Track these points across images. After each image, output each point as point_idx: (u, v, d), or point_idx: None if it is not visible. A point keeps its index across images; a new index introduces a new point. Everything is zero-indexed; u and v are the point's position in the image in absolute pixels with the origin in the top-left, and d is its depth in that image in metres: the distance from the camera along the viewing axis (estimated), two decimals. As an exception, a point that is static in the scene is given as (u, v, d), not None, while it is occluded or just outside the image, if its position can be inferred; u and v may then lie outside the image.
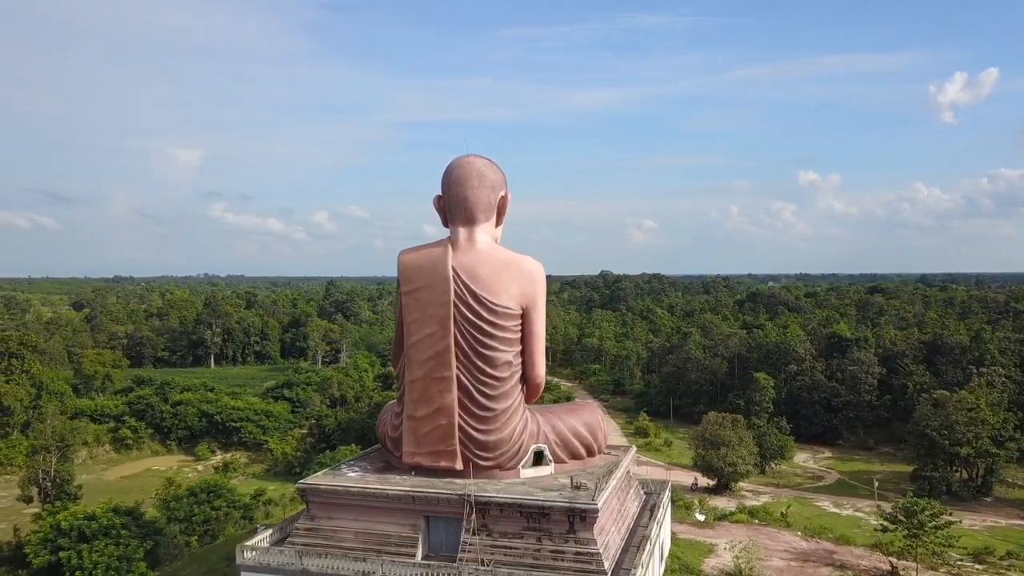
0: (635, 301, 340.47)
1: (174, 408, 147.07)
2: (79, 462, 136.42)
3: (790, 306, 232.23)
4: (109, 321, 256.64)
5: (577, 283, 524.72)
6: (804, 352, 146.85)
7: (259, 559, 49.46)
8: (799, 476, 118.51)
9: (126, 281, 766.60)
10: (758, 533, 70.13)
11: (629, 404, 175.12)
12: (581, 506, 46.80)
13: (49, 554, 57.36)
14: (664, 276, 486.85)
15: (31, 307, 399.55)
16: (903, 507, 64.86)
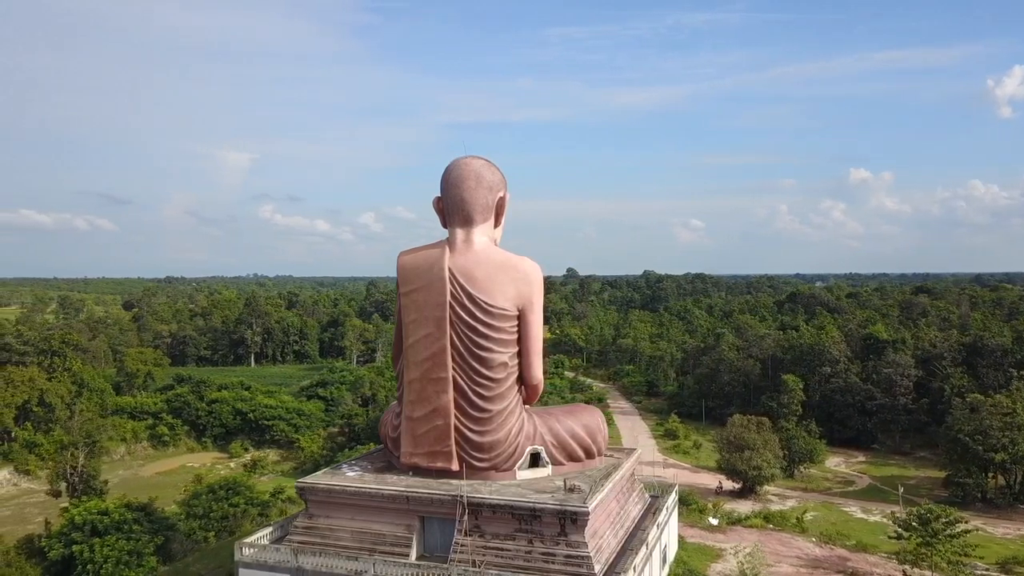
0: (674, 302, 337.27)
1: (209, 406, 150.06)
2: (117, 458, 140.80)
3: (830, 307, 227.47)
4: (154, 320, 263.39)
5: (618, 283, 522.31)
6: (838, 354, 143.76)
7: (256, 556, 50.35)
8: (829, 480, 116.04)
9: (177, 281, 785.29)
10: (770, 538, 68.88)
11: (662, 405, 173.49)
12: (572, 508, 46.61)
13: (63, 547, 59.23)
14: (708, 276, 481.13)
15: (84, 306, 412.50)
16: (917, 514, 63.12)
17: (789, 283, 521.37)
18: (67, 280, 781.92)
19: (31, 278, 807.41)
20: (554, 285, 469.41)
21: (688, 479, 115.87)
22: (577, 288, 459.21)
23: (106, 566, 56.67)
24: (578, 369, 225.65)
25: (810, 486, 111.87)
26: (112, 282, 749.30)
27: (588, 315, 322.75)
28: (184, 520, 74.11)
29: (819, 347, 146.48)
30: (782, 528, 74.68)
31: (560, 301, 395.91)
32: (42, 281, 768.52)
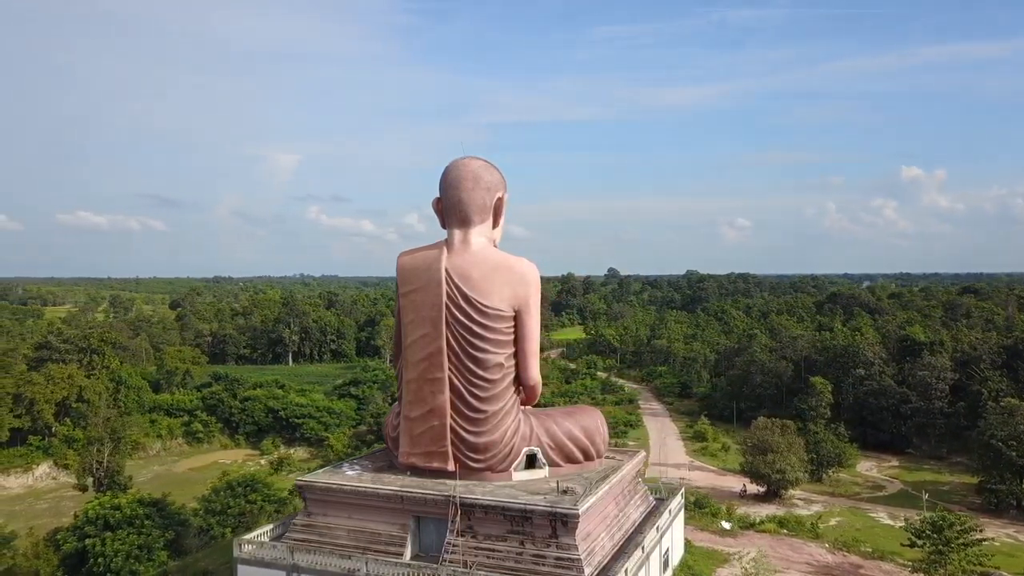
0: (713, 302, 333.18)
1: (242, 404, 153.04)
2: (153, 454, 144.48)
3: (871, 308, 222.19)
4: (197, 319, 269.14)
5: (659, 283, 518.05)
6: (873, 356, 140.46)
7: (254, 553, 51.10)
8: (858, 485, 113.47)
9: (225, 281, 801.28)
10: (782, 544, 67.59)
11: (694, 407, 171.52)
12: (563, 511, 46.31)
13: (77, 541, 60.94)
14: (750, 276, 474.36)
15: (133, 305, 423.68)
16: (931, 521, 61.29)
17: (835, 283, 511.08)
18: (120, 280, 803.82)
19: (86, 278, 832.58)
20: (593, 285, 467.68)
21: (713, 482, 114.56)
22: (616, 288, 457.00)
23: (116, 559, 58.17)
24: (611, 370, 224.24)
25: (838, 491, 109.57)
26: (162, 282, 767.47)
27: (625, 315, 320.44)
28: (202, 516, 75.55)
29: (853, 349, 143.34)
30: (796, 533, 73.21)
31: (598, 301, 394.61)
32: (96, 281, 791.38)
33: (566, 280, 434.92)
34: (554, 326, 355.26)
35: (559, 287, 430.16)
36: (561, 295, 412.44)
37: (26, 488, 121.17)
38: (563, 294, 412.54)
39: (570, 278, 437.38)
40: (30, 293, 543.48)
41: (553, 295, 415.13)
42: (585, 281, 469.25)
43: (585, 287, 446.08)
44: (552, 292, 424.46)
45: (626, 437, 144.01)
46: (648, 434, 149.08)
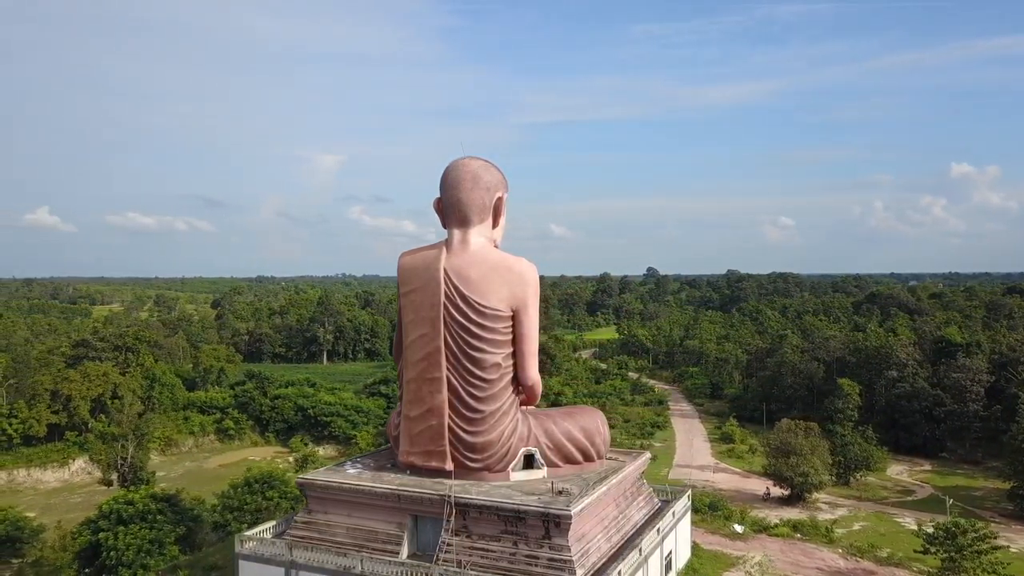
0: (751, 302, 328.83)
1: (272, 402, 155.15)
2: (185, 450, 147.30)
3: (910, 308, 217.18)
4: (234, 318, 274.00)
5: (698, 283, 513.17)
6: (906, 357, 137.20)
7: (254, 549, 51.94)
8: (887, 490, 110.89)
9: (267, 281, 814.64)
10: (794, 548, 66.43)
11: (724, 408, 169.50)
12: (555, 512, 46.27)
13: (91, 534, 62.51)
14: (790, 275, 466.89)
15: (177, 305, 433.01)
16: (944, 527, 59.67)
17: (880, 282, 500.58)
18: (166, 280, 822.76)
19: (135, 277, 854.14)
20: (629, 285, 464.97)
21: (737, 484, 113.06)
22: (653, 288, 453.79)
23: (127, 553, 59.51)
24: (643, 370, 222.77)
25: (864, 495, 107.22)
26: (207, 281, 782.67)
27: (660, 315, 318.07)
28: (219, 512, 76.79)
29: (885, 350, 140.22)
30: (810, 538, 71.85)
31: (634, 301, 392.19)
32: (143, 280, 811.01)
33: (602, 280, 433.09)
34: (588, 326, 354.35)
35: (594, 287, 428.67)
36: (596, 295, 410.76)
37: (62, 482, 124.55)
38: (598, 294, 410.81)
39: (606, 278, 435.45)
40: (80, 292, 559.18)
41: (588, 295, 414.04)
42: (622, 281, 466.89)
43: (621, 287, 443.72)
44: (587, 292, 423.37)
45: (652, 438, 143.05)
46: (675, 435, 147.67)
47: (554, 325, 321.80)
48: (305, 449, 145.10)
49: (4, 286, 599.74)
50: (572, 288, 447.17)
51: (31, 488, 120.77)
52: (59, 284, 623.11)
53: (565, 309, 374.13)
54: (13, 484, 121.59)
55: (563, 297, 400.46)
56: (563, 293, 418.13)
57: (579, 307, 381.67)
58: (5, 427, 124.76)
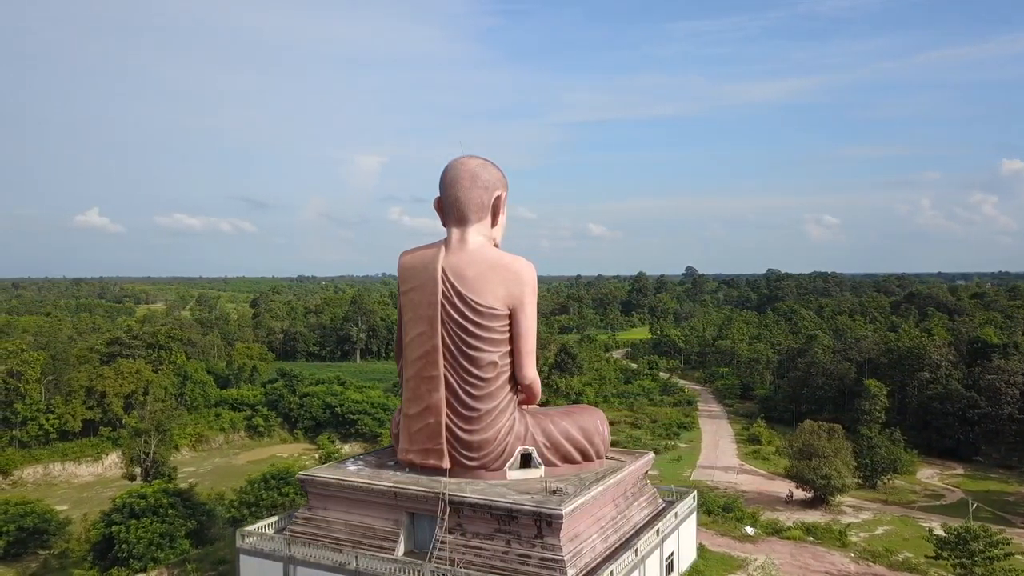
0: (788, 302, 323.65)
1: (301, 400, 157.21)
2: (216, 446, 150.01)
3: (949, 308, 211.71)
4: (270, 318, 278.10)
5: (736, 282, 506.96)
6: (939, 358, 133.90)
7: (254, 544, 52.69)
8: (915, 493, 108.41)
9: (308, 280, 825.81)
10: (804, 551, 65.21)
11: (753, 409, 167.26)
12: (547, 511, 46.13)
13: (105, 527, 64.03)
14: (830, 275, 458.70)
15: (217, 304, 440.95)
16: (955, 532, 58.06)
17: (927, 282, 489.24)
18: (210, 279, 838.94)
19: (179, 277, 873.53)
20: (666, 284, 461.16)
21: (760, 486, 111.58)
22: (690, 287, 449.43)
23: (138, 546, 60.85)
24: (675, 370, 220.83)
25: (891, 498, 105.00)
26: (249, 281, 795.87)
27: (695, 315, 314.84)
28: (236, 507, 78.02)
29: (918, 350, 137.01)
30: (822, 541, 70.47)
31: (670, 301, 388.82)
32: (188, 280, 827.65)
33: (637, 279, 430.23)
34: (623, 326, 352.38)
35: (629, 287, 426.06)
36: (631, 295, 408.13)
37: (95, 476, 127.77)
38: (633, 293, 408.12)
39: (641, 277, 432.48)
40: (126, 292, 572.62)
41: (623, 295, 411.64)
42: (658, 280, 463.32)
43: (657, 286, 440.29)
44: (622, 292, 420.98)
45: (678, 439, 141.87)
46: (702, 436, 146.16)
47: (587, 325, 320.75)
48: (331, 446, 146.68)
49: (55, 285, 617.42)
50: (607, 288, 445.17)
51: (65, 482, 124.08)
52: (106, 283, 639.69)
53: (599, 309, 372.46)
54: (49, 477, 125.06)
55: (597, 297, 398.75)
56: (597, 293, 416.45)
57: (613, 307, 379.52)
58: (42, 422, 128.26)
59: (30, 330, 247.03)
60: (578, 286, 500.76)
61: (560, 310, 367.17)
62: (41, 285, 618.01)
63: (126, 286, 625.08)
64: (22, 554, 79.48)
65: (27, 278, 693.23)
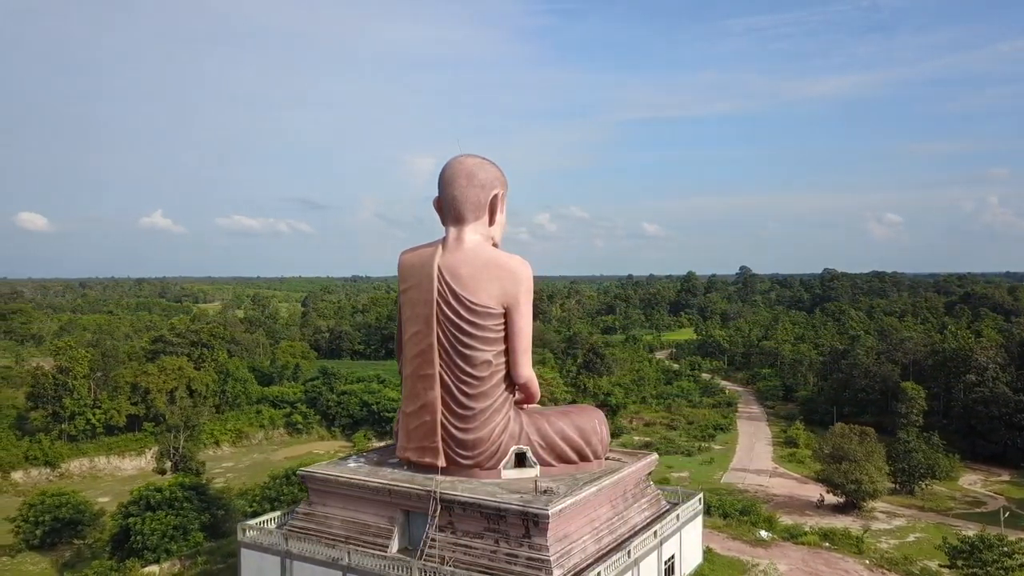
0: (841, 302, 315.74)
1: (339, 398, 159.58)
2: (255, 442, 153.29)
3: (1006, 308, 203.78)
4: (317, 317, 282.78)
5: (790, 282, 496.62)
6: (986, 360, 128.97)
7: (254, 539, 53.73)
8: (955, 500, 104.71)
9: (362, 280, 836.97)
10: (817, 558, 63.53)
11: (794, 411, 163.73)
12: (534, 511, 46.04)
13: (122, 519, 66.06)
14: (888, 275, 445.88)
15: (270, 303, 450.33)
16: (969, 541, 55.83)
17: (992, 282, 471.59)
18: (267, 279, 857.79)
19: (238, 277, 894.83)
20: (717, 284, 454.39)
21: (791, 490, 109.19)
22: (741, 287, 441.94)
23: (152, 538, 62.64)
24: (718, 371, 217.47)
25: (928, 505, 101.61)
26: (305, 281, 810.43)
27: (743, 316, 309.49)
28: (257, 503, 79.59)
29: (964, 352, 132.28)
30: (839, 547, 68.56)
31: (720, 301, 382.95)
32: (246, 280, 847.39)
33: (687, 279, 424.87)
34: (671, 327, 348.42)
35: (678, 287, 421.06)
36: (680, 295, 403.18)
37: (138, 470, 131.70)
38: (682, 294, 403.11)
39: (691, 277, 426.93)
40: (186, 291, 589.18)
41: (671, 295, 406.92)
42: (709, 280, 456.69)
43: (708, 286, 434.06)
44: (670, 292, 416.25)
45: (713, 441, 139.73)
46: (738, 438, 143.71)
47: (632, 325, 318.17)
48: (367, 444, 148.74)
49: (119, 285, 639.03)
50: (655, 288, 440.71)
51: (109, 474, 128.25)
52: (167, 283, 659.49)
53: (646, 309, 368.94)
54: (94, 470, 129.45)
55: (645, 297, 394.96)
56: (645, 293, 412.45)
57: (661, 307, 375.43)
58: (89, 417, 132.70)
59: (90, 328, 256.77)
60: (626, 286, 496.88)
61: (606, 310, 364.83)
62: (106, 285, 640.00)
63: (186, 286, 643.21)
64: (57, 543, 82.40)
65: (93, 278, 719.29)
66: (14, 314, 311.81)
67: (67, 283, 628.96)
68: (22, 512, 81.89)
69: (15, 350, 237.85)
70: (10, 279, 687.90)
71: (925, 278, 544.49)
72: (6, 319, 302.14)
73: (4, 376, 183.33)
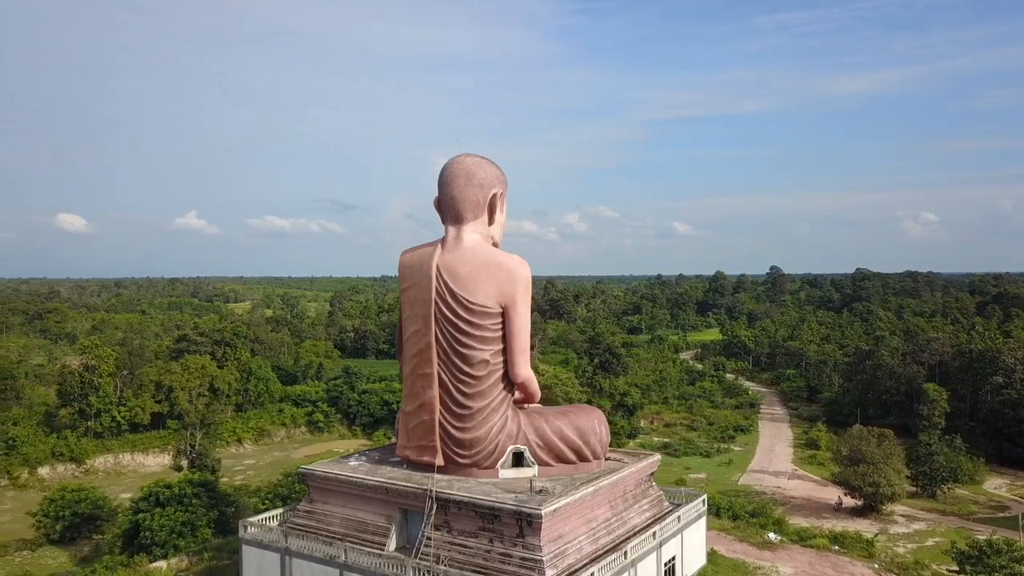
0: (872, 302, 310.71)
1: (360, 396, 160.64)
2: (277, 440, 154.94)
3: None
4: (343, 316, 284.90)
5: (820, 282, 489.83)
6: (1015, 361, 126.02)
7: (255, 535, 54.28)
8: (978, 504, 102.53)
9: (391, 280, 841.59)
10: (824, 561, 62.54)
11: (818, 413, 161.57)
12: (527, 510, 45.96)
13: (133, 515, 67.18)
14: (921, 275, 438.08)
15: (299, 303, 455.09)
16: (977, 546, 54.59)
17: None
18: (298, 279, 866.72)
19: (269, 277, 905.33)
20: (746, 284, 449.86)
21: (810, 492, 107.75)
22: (770, 287, 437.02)
23: (160, 534, 63.62)
24: (743, 372, 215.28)
25: (950, 509, 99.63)
26: (335, 280, 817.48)
27: (771, 316, 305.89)
28: (270, 500, 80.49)
29: (990, 353, 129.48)
30: (848, 551, 67.43)
31: (749, 301, 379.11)
32: (277, 280, 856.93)
33: (715, 279, 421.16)
34: (698, 327, 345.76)
35: (706, 286, 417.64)
36: (708, 295, 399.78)
37: (161, 467, 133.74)
38: (710, 293, 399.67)
39: (719, 277, 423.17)
40: (217, 291, 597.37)
41: (699, 295, 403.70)
42: (737, 280, 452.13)
43: (736, 286, 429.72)
44: (698, 292, 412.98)
45: (733, 442, 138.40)
46: (759, 439, 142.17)
47: (658, 325, 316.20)
48: (387, 442, 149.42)
49: (153, 285, 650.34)
50: (682, 288, 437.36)
51: (133, 471, 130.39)
52: (200, 283, 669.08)
53: (673, 309, 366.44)
54: (119, 466, 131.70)
55: (672, 297, 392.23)
56: (672, 293, 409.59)
57: (688, 307, 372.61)
58: (115, 414, 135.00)
59: (121, 327, 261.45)
60: (652, 286, 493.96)
61: (633, 310, 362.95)
62: (141, 285, 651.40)
63: (218, 285, 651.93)
64: (76, 538, 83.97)
65: (128, 278, 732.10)
66: (50, 313, 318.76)
67: (103, 283, 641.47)
68: (43, 507, 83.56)
69: (49, 349, 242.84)
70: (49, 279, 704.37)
71: (961, 278, 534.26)
72: (42, 318, 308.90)
73: (37, 374, 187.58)
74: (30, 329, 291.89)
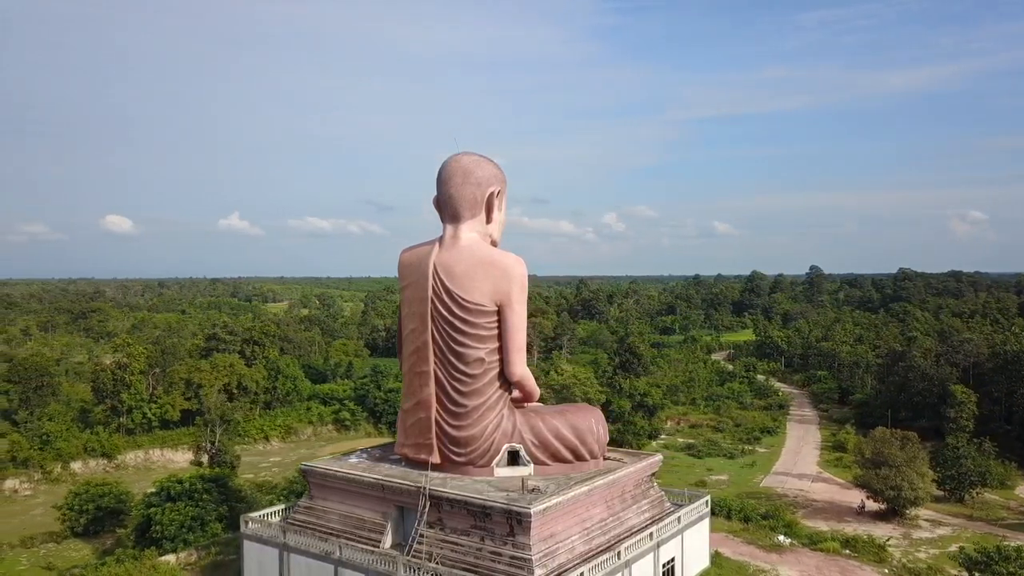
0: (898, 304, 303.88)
1: (385, 395, 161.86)
2: (304, 438, 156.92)
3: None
4: (375, 316, 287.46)
5: (860, 282, 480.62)
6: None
7: (255, 531, 55.05)
8: (1008, 510, 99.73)
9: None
10: (832, 565, 61.30)
11: (849, 415, 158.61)
12: (517, 509, 45.95)
13: (145, 509, 68.61)
14: (967, 275, 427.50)
15: (334, 303, 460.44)
16: (985, 551, 53.03)
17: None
18: (336, 279, 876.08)
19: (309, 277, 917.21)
20: (783, 284, 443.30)
21: (833, 495, 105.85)
22: (807, 287, 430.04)
23: (170, 528, 64.88)
24: (775, 373, 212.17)
25: (977, 514, 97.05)
26: (372, 281, 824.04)
27: (807, 316, 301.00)
28: (284, 496, 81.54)
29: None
30: (859, 555, 66.01)
31: (786, 301, 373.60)
32: (316, 280, 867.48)
33: (751, 279, 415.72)
34: (733, 327, 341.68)
35: (742, 286, 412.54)
36: (744, 295, 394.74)
37: (188, 463, 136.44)
38: (746, 294, 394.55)
39: (756, 276, 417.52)
40: (256, 291, 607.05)
41: (735, 295, 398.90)
42: (775, 280, 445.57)
43: (773, 286, 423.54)
44: (734, 292, 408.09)
45: (759, 444, 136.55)
46: (785, 441, 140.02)
47: (691, 325, 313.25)
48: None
49: (195, 284, 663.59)
50: (717, 288, 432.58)
51: (162, 467, 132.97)
52: (240, 283, 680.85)
53: (709, 309, 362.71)
54: (148, 462, 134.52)
55: (707, 297, 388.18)
56: (707, 293, 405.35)
57: (724, 307, 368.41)
58: (145, 411, 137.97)
59: (160, 326, 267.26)
60: (688, 286, 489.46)
61: (667, 310, 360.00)
62: (183, 284, 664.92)
63: (257, 285, 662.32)
64: (100, 531, 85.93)
65: (172, 278, 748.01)
66: (93, 312, 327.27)
67: (147, 283, 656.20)
68: (68, 501, 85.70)
69: (90, 347, 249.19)
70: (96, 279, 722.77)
71: (1009, 278, 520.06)
72: (86, 317, 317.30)
73: (77, 372, 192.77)
74: (74, 328, 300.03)
